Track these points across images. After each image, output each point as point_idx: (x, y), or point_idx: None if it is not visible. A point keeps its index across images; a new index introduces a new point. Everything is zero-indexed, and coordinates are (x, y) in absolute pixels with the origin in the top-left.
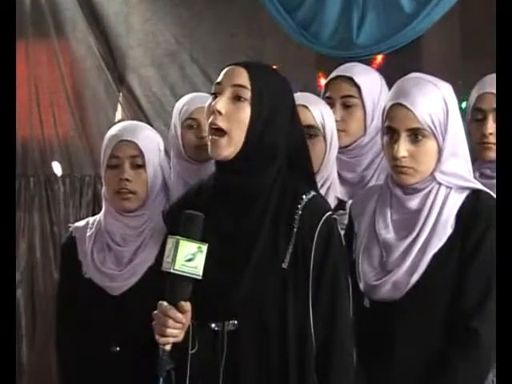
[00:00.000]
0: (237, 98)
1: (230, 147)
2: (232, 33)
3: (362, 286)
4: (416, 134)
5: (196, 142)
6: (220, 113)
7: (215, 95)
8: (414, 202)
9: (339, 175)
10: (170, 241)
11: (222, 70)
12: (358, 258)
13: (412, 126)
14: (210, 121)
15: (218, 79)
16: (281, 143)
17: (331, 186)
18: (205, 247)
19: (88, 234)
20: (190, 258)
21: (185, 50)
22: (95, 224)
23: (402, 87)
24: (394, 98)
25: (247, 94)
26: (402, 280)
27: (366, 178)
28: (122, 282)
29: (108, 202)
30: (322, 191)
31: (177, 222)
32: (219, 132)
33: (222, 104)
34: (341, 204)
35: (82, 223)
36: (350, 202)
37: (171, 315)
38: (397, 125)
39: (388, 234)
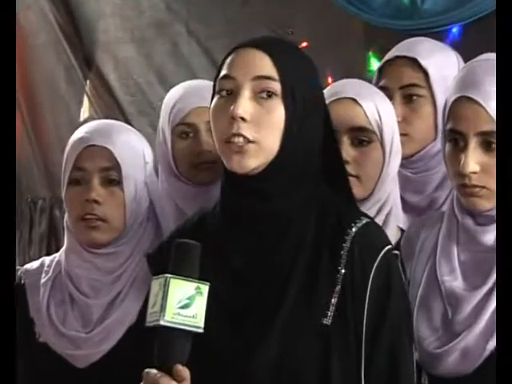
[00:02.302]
0: (263, 95)
1: (260, 157)
2: None
3: (417, 355)
4: (490, 141)
5: (192, 159)
6: (244, 120)
7: (225, 93)
8: (489, 236)
9: (400, 198)
10: (157, 282)
11: (229, 55)
12: (412, 315)
13: (485, 129)
14: (228, 132)
15: (226, 70)
16: (315, 151)
17: (391, 212)
18: (205, 288)
19: (43, 281)
20: (185, 303)
21: (179, 20)
22: (53, 266)
23: (470, 74)
24: (460, 90)
25: (277, 88)
26: (474, 347)
27: (438, 202)
28: (90, 350)
29: (71, 233)
30: (379, 219)
31: (169, 263)
32: (244, 139)
33: (244, 107)
34: None
35: (34, 265)
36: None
37: None
38: (463, 127)
39: (454, 281)
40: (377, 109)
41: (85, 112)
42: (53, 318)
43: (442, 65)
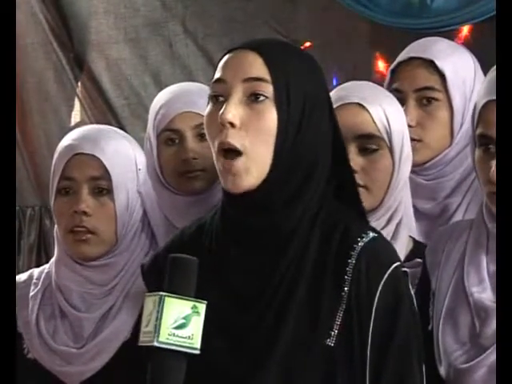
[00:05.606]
0: (253, 98)
1: (252, 173)
2: None
3: (443, 370)
4: None
5: (178, 167)
6: (233, 125)
7: (216, 98)
8: None
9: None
10: (151, 299)
11: (222, 57)
12: (438, 329)
13: None
14: (218, 140)
15: (218, 74)
16: (320, 159)
17: (402, 221)
18: (202, 307)
19: (32, 294)
20: (181, 323)
21: (175, 19)
22: (42, 278)
23: None
24: (489, 93)
25: (268, 90)
26: None
27: (451, 209)
28: (82, 366)
29: (61, 245)
30: (389, 229)
31: (163, 279)
32: (233, 153)
33: (233, 111)
34: (418, 248)
35: (22, 277)
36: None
37: None
38: (494, 132)
39: (483, 292)
40: (385, 113)
41: (76, 116)
42: (42, 332)
43: (458, 67)
